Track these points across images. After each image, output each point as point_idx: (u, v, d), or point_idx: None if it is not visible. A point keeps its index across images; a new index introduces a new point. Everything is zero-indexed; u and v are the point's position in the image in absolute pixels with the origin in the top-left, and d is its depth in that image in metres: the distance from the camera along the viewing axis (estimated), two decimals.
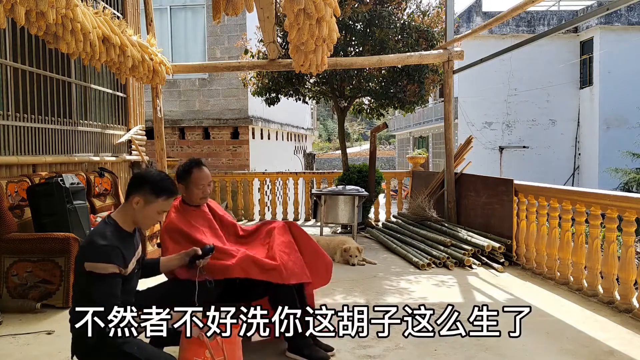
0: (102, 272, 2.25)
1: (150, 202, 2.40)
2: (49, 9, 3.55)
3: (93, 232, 2.43)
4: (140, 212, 2.41)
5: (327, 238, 6.46)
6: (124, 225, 2.44)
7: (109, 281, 2.26)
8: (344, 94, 8.77)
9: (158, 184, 2.42)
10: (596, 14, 4.78)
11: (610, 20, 18.87)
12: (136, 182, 2.45)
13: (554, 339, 3.51)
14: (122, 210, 2.47)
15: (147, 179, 2.44)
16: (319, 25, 4.58)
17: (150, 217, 2.45)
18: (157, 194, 2.41)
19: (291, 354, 3.13)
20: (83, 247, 2.41)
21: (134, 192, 2.41)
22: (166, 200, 2.45)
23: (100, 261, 2.25)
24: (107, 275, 2.26)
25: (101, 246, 2.28)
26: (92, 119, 6.72)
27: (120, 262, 2.31)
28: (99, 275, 2.25)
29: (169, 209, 2.54)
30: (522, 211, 5.67)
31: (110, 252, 2.28)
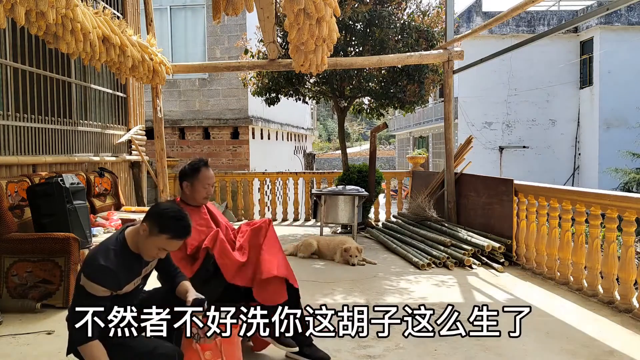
0: (90, 291, 2.26)
1: (153, 235, 2.31)
2: (49, 9, 3.55)
3: (101, 247, 2.38)
4: (142, 240, 2.35)
5: (327, 238, 6.46)
6: (132, 246, 2.39)
7: (91, 300, 2.26)
8: (344, 94, 8.77)
9: (167, 220, 2.31)
10: (596, 14, 4.78)
11: (610, 20, 18.87)
12: (152, 210, 2.39)
13: (554, 339, 3.50)
14: (134, 231, 2.41)
15: (160, 211, 2.36)
16: (319, 25, 4.58)
17: (149, 248, 2.36)
18: (161, 230, 2.30)
19: (291, 354, 3.12)
20: (88, 257, 2.38)
21: (146, 219, 2.35)
22: (169, 240, 2.33)
23: (93, 281, 2.25)
24: (93, 295, 2.26)
25: (99, 267, 2.26)
26: (92, 119, 6.72)
27: (113, 287, 2.29)
28: (86, 293, 2.26)
29: (172, 249, 2.43)
30: (522, 211, 5.67)
31: (103, 275, 2.26)
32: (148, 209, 2.46)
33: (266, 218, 3.21)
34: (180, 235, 2.36)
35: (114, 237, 2.43)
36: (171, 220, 2.32)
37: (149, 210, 2.40)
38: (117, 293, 2.34)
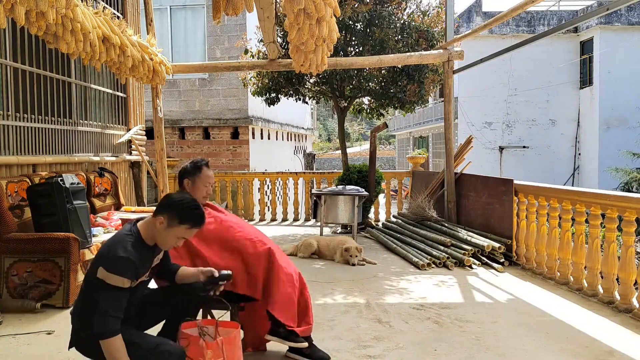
0: (111, 283, 2.28)
1: (172, 227, 2.40)
2: (49, 9, 3.55)
3: (116, 239, 2.42)
4: (160, 232, 2.42)
5: (327, 238, 6.46)
6: (146, 239, 2.44)
7: (117, 293, 2.30)
8: (344, 94, 8.78)
9: (185, 211, 2.41)
10: (596, 14, 4.78)
11: (610, 20, 18.87)
12: (166, 202, 2.45)
13: (554, 339, 3.50)
14: (147, 224, 2.47)
15: (176, 203, 2.42)
16: (319, 25, 4.58)
17: (169, 240, 2.45)
18: (181, 221, 2.40)
19: (291, 354, 3.13)
20: (103, 251, 2.40)
21: (161, 211, 2.42)
22: (189, 229, 2.43)
23: (114, 273, 2.28)
24: (115, 287, 2.29)
25: (119, 258, 2.30)
26: (92, 119, 6.72)
27: (132, 277, 2.33)
28: (107, 285, 2.28)
29: (189, 237, 2.52)
30: (522, 211, 5.67)
31: (126, 266, 2.30)
32: (160, 201, 2.51)
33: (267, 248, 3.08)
34: (199, 224, 2.46)
35: (126, 230, 2.46)
36: (189, 210, 2.42)
37: (162, 203, 2.46)
38: (131, 287, 2.37)
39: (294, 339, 2.95)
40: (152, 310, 2.68)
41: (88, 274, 2.43)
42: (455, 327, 3.75)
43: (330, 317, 3.94)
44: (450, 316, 3.98)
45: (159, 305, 2.71)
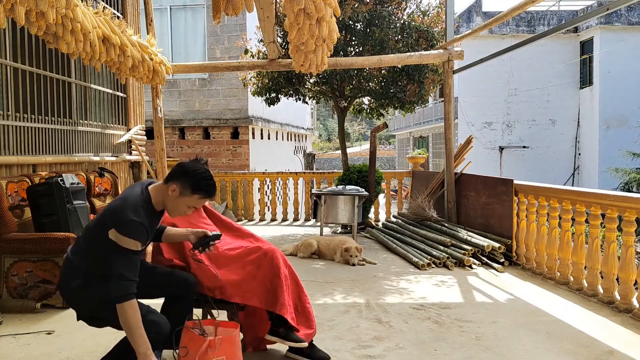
0: (125, 246, 2.31)
1: (185, 195, 2.43)
2: (49, 9, 3.55)
3: (127, 201, 2.41)
4: (172, 200, 2.44)
5: (327, 238, 6.46)
6: (155, 203, 2.47)
7: (130, 255, 2.33)
8: (344, 94, 8.78)
9: (199, 180, 2.44)
10: (596, 14, 4.78)
11: (610, 20, 18.88)
12: (180, 170, 2.46)
13: (554, 339, 3.50)
14: (158, 190, 2.49)
15: (190, 172, 2.44)
16: (319, 25, 4.58)
17: (179, 208, 2.48)
18: (194, 190, 2.43)
19: (291, 354, 3.12)
20: (114, 211, 2.40)
21: (174, 179, 2.44)
22: (200, 199, 2.47)
23: (127, 236, 2.30)
24: (129, 250, 2.32)
25: (132, 221, 2.32)
26: (92, 119, 6.72)
27: (143, 240, 2.37)
28: (120, 248, 2.31)
29: (199, 207, 2.56)
30: (522, 211, 5.67)
31: (139, 231, 2.33)
32: (173, 168, 2.51)
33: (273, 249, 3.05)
34: (211, 195, 2.49)
35: (137, 193, 2.46)
36: (203, 181, 2.44)
37: (176, 171, 2.47)
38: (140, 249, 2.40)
39: (294, 339, 2.94)
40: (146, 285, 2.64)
41: (94, 227, 2.44)
42: (455, 327, 3.75)
43: (330, 317, 3.94)
44: (450, 316, 3.98)
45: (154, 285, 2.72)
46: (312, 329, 3.06)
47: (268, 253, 2.96)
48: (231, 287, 2.90)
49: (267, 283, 2.91)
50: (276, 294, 2.89)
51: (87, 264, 2.43)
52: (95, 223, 2.47)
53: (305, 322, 3.05)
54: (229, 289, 2.90)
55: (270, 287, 2.90)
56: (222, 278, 2.91)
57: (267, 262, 2.93)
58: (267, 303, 2.90)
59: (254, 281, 2.91)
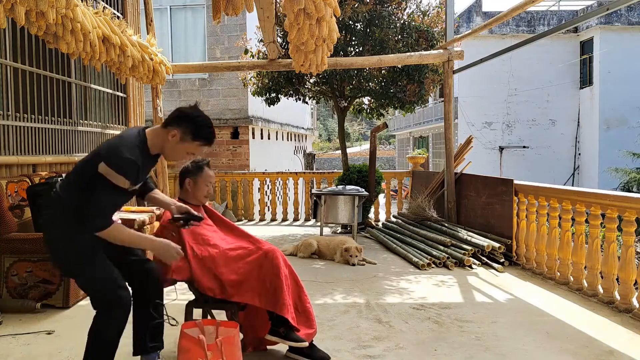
0: (113, 181, 2.31)
1: (185, 141, 2.43)
2: (49, 9, 3.55)
3: (123, 140, 2.42)
4: (171, 145, 2.44)
5: (327, 238, 6.46)
6: (151, 147, 2.46)
7: (116, 192, 2.34)
8: (344, 94, 8.78)
9: (201, 127, 2.43)
10: (596, 14, 4.78)
11: (610, 20, 18.88)
12: (181, 116, 2.45)
13: (554, 339, 3.50)
14: (156, 133, 2.47)
15: (192, 118, 2.43)
16: (319, 25, 4.59)
17: (178, 153, 2.48)
18: (195, 137, 2.43)
19: (291, 354, 3.12)
20: (109, 147, 2.41)
21: (175, 124, 2.43)
22: (200, 146, 2.47)
23: (118, 172, 2.30)
24: (115, 186, 2.32)
25: (125, 159, 2.31)
26: (92, 119, 6.72)
27: (133, 179, 2.36)
28: (108, 183, 2.31)
29: (197, 153, 2.56)
30: (522, 211, 5.67)
31: (130, 168, 2.33)
32: (173, 113, 2.49)
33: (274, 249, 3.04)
34: (210, 142, 2.49)
35: (134, 134, 2.46)
36: (204, 127, 2.45)
37: (177, 116, 2.46)
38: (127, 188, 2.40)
39: (295, 338, 2.94)
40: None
41: (85, 163, 2.43)
42: (455, 327, 3.75)
43: (330, 317, 3.94)
44: (450, 316, 3.98)
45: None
46: (312, 329, 3.06)
47: (268, 253, 2.96)
48: (231, 287, 2.90)
49: (268, 283, 2.91)
50: (276, 294, 2.89)
51: (71, 197, 2.41)
52: (87, 159, 2.46)
53: (306, 322, 3.05)
54: (229, 289, 2.90)
55: (270, 287, 2.90)
56: (222, 278, 2.91)
57: (268, 262, 2.94)
58: (267, 303, 2.90)
59: (254, 281, 2.91)
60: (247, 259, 2.97)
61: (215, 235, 3.09)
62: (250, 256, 2.97)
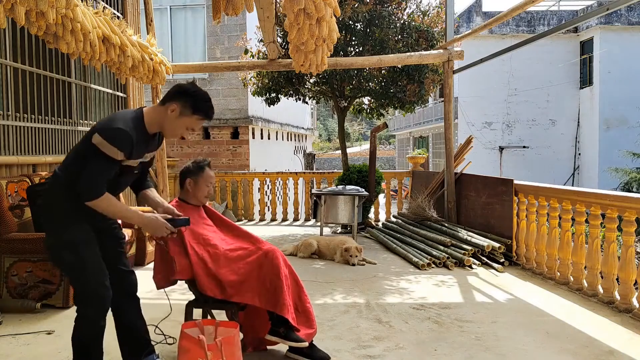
0: (105, 151, 2.32)
1: (185, 115, 2.44)
2: (49, 9, 3.55)
3: (120, 115, 2.46)
4: (171, 120, 2.45)
5: (327, 238, 6.46)
6: (148, 125, 2.47)
7: (108, 163, 2.35)
8: (344, 94, 8.78)
9: (199, 101, 2.45)
10: (596, 14, 4.78)
11: (610, 20, 18.88)
12: (180, 91, 2.46)
13: (554, 339, 3.50)
14: (154, 111, 2.49)
15: (191, 93, 2.45)
16: (319, 25, 4.58)
17: (177, 128, 2.49)
18: (194, 110, 2.44)
19: (291, 354, 3.12)
20: (104, 121, 2.44)
21: (174, 99, 2.44)
22: (199, 120, 2.48)
23: (110, 142, 2.32)
24: (108, 156, 2.33)
25: (118, 129, 2.33)
26: (92, 119, 6.72)
27: (126, 151, 2.36)
28: (101, 152, 2.32)
29: (197, 128, 2.57)
30: (522, 211, 5.67)
31: (123, 139, 2.33)
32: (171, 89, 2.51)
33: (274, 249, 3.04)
34: (210, 116, 2.50)
35: (130, 111, 2.49)
36: (202, 101, 2.46)
37: (176, 91, 2.47)
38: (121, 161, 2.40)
39: (295, 338, 2.94)
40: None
41: (81, 142, 2.46)
42: (455, 327, 3.75)
43: (330, 317, 3.94)
44: (450, 316, 3.98)
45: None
46: (312, 329, 3.06)
47: (268, 253, 2.96)
48: (231, 287, 2.90)
49: (268, 283, 2.91)
50: (277, 294, 2.89)
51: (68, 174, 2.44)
52: (83, 138, 2.48)
53: (306, 322, 3.05)
54: (229, 289, 2.90)
55: (270, 287, 2.90)
56: (222, 279, 2.91)
57: (268, 262, 2.94)
58: (267, 303, 2.90)
59: (254, 281, 2.91)
60: (247, 259, 2.97)
61: (215, 236, 3.09)
62: (250, 256, 2.97)
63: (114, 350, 2.91)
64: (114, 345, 2.83)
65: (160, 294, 3.77)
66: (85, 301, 2.48)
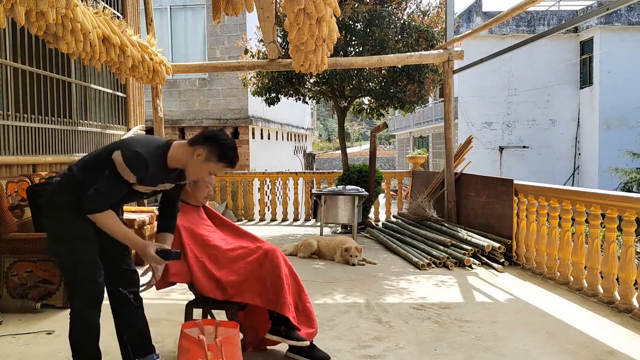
0: (120, 170, 2.38)
1: (210, 161, 2.47)
2: (49, 9, 3.55)
3: (146, 139, 2.52)
4: (196, 163, 2.48)
5: (327, 238, 6.46)
6: (170, 159, 2.50)
7: (119, 184, 2.40)
8: (344, 94, 8.78)
9: (227, 150, 2.49)
10: (596, 14, 4.78)
11: (610, 20, 18.87)
12: (209, 137, 2.49)
13: (554, 339, 3.51)
14: (180, 148, 2.51)
15: (220, 141, 2.48)
16: (319, 25, 4.59)
17: (200, 172, 2.53)
18: (220, 158, 2.47)
19: (291, 354, 3.12)
20: (128, 139, 2.49)
21: (202, 144, 2.46)
22: (224, 167, 2.52)
23: (126, 163, 2.36)
24: (120, 176, 2.38)
25: (136, 153, 2.38)
26: (92, 119, 6.72)
27: (138, 176, 2.40)
28: (115, 172, 2.38)
29: (218, 174, 2.61)
30: (522, 211, 5.67)
31: (138, 164, 2.38)
32: (200, 133, 2.54)
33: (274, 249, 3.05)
34: (234, 165, 2.55)
35: (159, 140, 2.53)
36: (230, 150, 2.50)
37: (205, 136, 2.50)
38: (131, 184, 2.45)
39: (296, 337, 2.94)
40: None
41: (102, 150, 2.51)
42: (455, 327, 3.75)
43: (330, 317, 3.94)
44: (450, 316, 3.98)
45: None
46: (313, 328, 3.06)
47: (269, 253, 2.96)
48: (232, 287, 2.90)
49: (268, 282, 2.91)
50: (277, 293, 2.89)
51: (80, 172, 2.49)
52: (106, 146, 2.54)
53: (307, 322, 3.05)
54: (229, 289, 2.90)
55: (271, 286, 2.91)
56: (222, 279, 2.91)
57: (268, 262, 2.94)
58: (268, 302, 2.90)
59: (254, 281, 2.92)
60: (247, 258, 2.97)
61: (215, 236, 3.09)
62: (251, 256, 2.97)
63: (114, 351, 2.91)
64: (114, 345, 2.83)
65: (160, 294, 3.77)
66: (75, 295, 2.55)
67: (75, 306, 2.54)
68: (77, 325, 2.56)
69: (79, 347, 2.59)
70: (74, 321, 2.56)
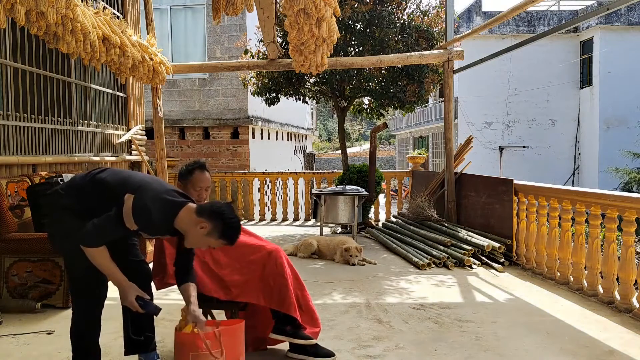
0: (124, 216, 2.37)
1: (211, 236, 2.44)
2: (49, 9, 3.55)
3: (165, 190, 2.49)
4: (197, 234, 2.45)
5: (327, 238, 6.46)
6: (177, 222, 2.48)
7: (121, 227, 2.39)
8: (344, 94, 8.77)
9: (230, 229, 2.46)
10: (596, 14, 4.78)
11: (610, 20, 18.87)
12: (217, 212, 2.45)
13: (554, 339, 3.51)
14: (188, 215, 2.46)
15: (226, 219, 2.44)
16: (319, 25, 4.58)
17: (200, 243, 2.50)
18: (221, 236, 2.45)
19: (293, 354, 3.12)
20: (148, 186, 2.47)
21: (208, 218, 2.42)
22: (223, 244, 2.50)
23: (133, 211, 2.36)
24: (122, 222, 2.38)
25: (144, 206, 2.37)
26: (92, 119, 6.72)
27: (139, 226, 2.41)
28: (119, 214, 2.38)
29: (217, 247, 2.57)
30: (522, 211, 5.67)
31: (143, 216, 2.37)
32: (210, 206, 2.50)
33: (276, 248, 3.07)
34: (233, 243, 2.52)
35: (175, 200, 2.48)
36: (233, 230, 2.48)
37: (213, 210, 2.45)
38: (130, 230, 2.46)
39: (303, 336, 2.95)
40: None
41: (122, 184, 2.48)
42: (455, 327, 3.75)
43: (330, 317, 3.94)
44: (450, 316, 3.98)
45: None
46: (318, 327, 3.07)
47: (272, 252, 2.97)
48: (235, 287, 2.90)
49: (271, 282, 2.91)
50: (282, 293, 2.89)
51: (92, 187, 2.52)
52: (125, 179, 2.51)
53: (311, 321, 3.06)
54: (233, 289, 2.90)
55: (274, 286, 2.91)
56: (225, 279, 2.91)
57: (272, 262, 2.94)
58: (272, 302, 2.91)
59: (258, 281, 2.92)
60: (250, 257, 2.97)
61: None
62: (254, 255, 2.98)
63: (114, 351, 2.91)
64: (114, 345, 2.84)
65: (160, 294, 3.76)
66: (78, 292, 2.57)
67: (78, 300, 2.57)
68: (79, 320, 2.57)
69: (80, 342, 2.60)
70: (76, 313, 2.58)
